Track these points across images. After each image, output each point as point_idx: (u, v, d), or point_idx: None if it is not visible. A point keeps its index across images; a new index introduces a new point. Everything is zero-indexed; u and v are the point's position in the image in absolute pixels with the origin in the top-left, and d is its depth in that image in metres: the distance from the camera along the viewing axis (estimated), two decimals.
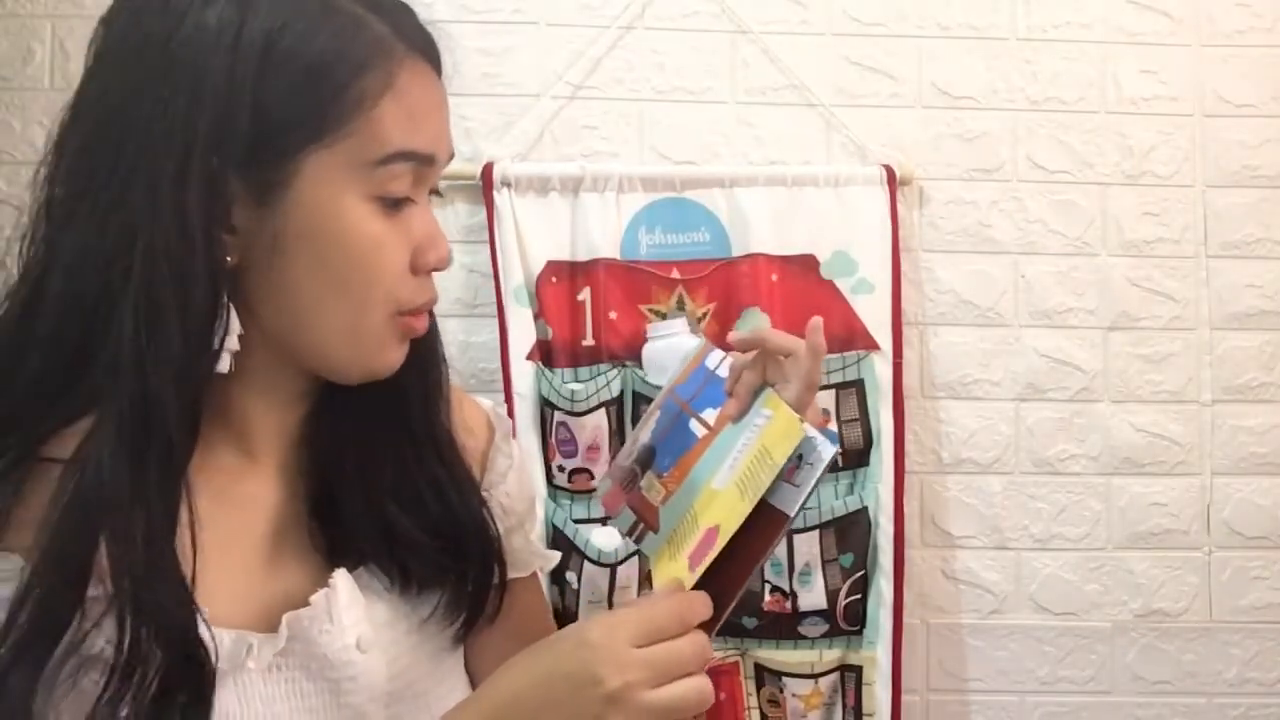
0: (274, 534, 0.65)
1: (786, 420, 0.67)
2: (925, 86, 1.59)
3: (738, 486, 0.65)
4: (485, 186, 1.49)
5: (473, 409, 0.78)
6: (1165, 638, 1.58)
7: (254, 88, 0.55)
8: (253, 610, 0.61)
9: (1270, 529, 1.59)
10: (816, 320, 0.72)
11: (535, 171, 1.50)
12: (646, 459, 0.74)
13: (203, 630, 0.56)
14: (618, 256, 1.48)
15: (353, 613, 0.63)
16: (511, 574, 0.74)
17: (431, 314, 0.68)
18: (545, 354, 1.47)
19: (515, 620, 0.75)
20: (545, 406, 1.45)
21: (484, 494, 0.73)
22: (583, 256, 1.48)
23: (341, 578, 0.63)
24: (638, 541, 0.72)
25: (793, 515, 0.64)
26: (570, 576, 1.42)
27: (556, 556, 0.84)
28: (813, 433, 0.65)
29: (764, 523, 0.64)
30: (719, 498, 0.66)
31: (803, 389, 0.71)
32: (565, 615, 1.43)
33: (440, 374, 0.71)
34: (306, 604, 0.61)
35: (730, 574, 0.63)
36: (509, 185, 1.49)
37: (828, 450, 0.64)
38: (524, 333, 1.46)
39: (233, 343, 0.57)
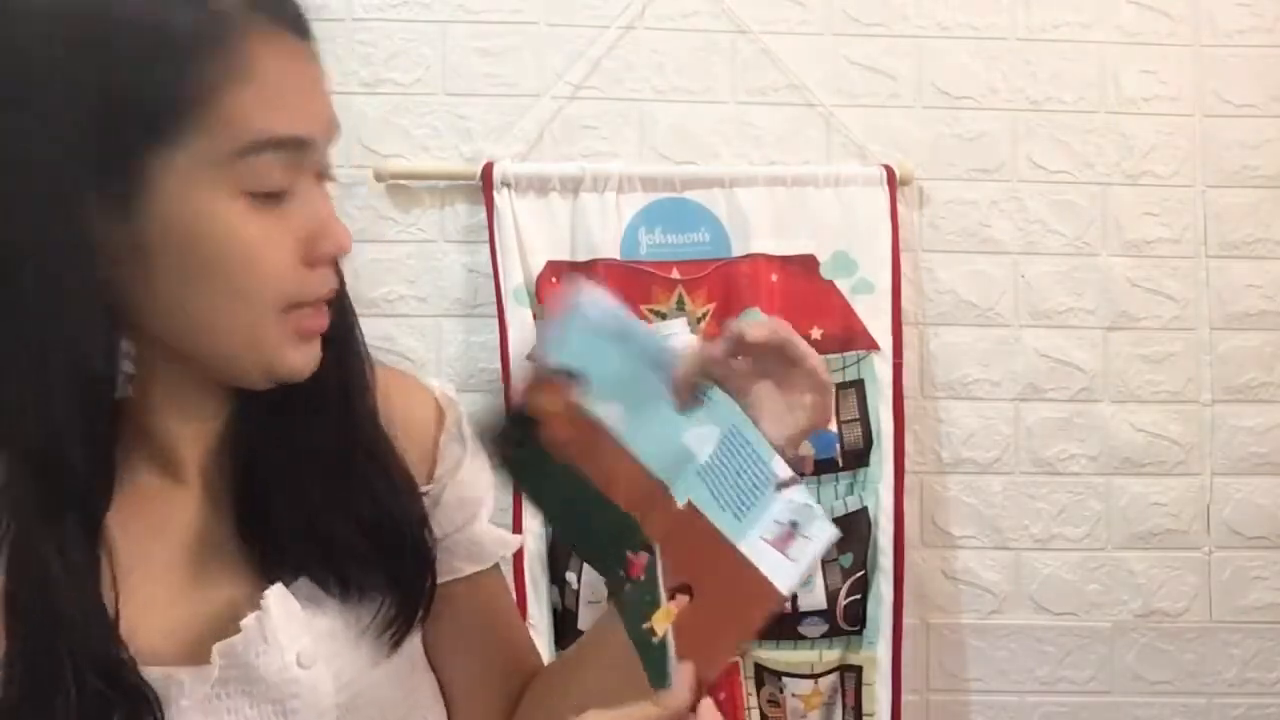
0: (202, 555, 0.62)
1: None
2: (925, 86, 1.59)
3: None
4: (485, 186, 1.49)
5: (418, 396, 0.72)
6: (1165, 638, 1.58)
7: (85, 94, 0.50)
8: (183, 641, 0.59)
9: (1270, 529, 1.59)
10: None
11: (535, 171, 1.50)
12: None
13: (134, 674, 0.54)
14: (617, 256, 1.48)
15: (290, 629, 0.60)
16: (474, 567, 0.72)
17: (346, 306, 0.64)
18: None
19: (480, 613, 0.73)
20: None
21: (437, 485, 0.70)
22: (583, 256, 1.48)
23: (274, 595, 0.60)
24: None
25: (784, 593, 0.60)
26: (570, 577, 1.42)
27: (518, 541, 0.80)
28: (815, 506, 0.60)
29: (750, 589, 0.60)
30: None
31: (812, 413, 0.65)
32: (565, 615, 1.43)
33: (360, 370, 0.66)
34: (239, 628, 0.58)
35: (710, 641, 0.60)
36: (509, 185, 1.49)
37: (826, 531, 0.59)
38: (524, 333, 1.46)
39: (126, 366, 0.55)
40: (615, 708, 0.58)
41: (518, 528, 1.43)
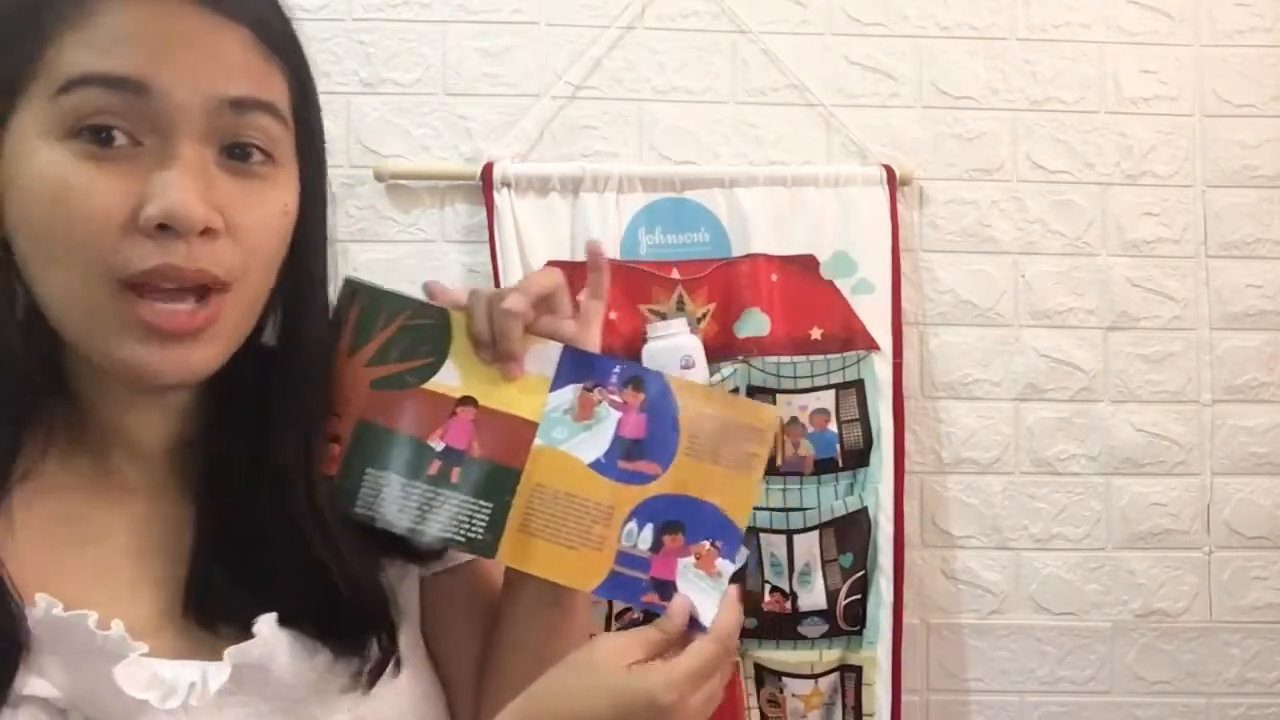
0: (179, 557, 0.60)
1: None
2: (925, 86, 1.59)
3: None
4: (485, 186, 1.49)
5: None
6: (1165, 638, 1.58)
7: None
8: (193, 639, 0.58)
9: (1270, 529, 1.59)
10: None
11: (535, 171, 1.49)
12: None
13: (141, 665, 0.54)
14: (618, 257, 1.48)
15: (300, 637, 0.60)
16: (467, 554, 0.71)
17: (300, 328, 0.62)
18: None
19: (475, 600, 0.73)
20: None
21: None
22: (583, 257, 1.48)
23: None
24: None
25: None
26: None
27: None
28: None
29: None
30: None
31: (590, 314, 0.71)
32: None
33: (306, 407, 0.63)
34: (246, 632, 0.57)
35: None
36: (509, 185, 1.49)
37: (739, 555, 0.66)
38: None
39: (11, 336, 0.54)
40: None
41: None
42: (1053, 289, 1.59)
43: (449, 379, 0.66)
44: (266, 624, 0.57)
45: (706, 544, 0.66)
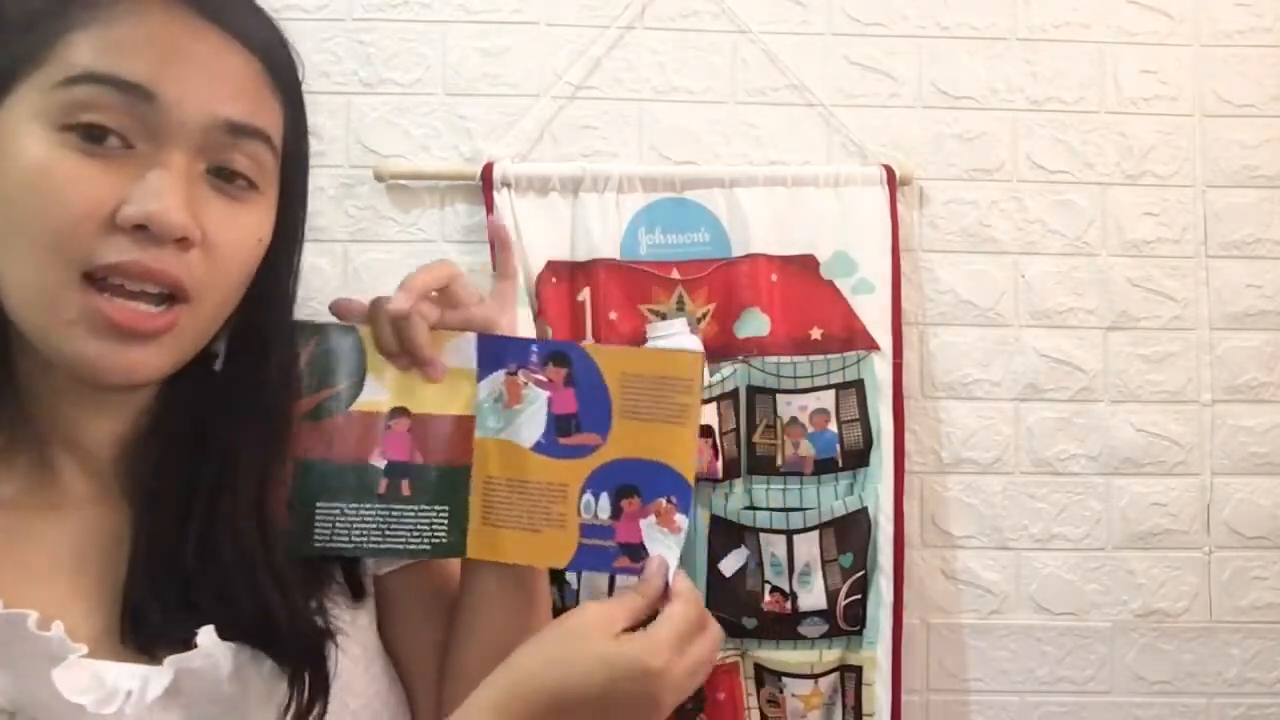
0: (120, 565, 0.60)
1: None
2: (925, 86, 1.59)
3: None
4: (485, 186, 1.49)
5: None
6: (1165, 638, 1.58)
7: None
8: (125, 648, 0.57)
9: (1270, 529, 1.59)
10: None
11: (535, 171, 1.49)
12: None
13: (81, 667, 0.53)
14: (617, 257, 1.48)
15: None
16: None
17: (253, 353, 0.62)
18: None
19: (432, 595, 0.72)
20: None
21: None
22: (582, 257, 1.48)
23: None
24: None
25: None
26: (570, 575, 1.42)
27: None
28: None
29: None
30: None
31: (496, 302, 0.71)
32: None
33: (258, 437, 0.63)
34: (192, 643, 0.57)
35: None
36: (509, 185, 1.49)
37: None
38: (524, 333, 1.46)
39: None
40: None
41: None
42: (1053, 289, 1.59)
43: (375, 395, 0.66)
44: (207, 634, 0.57)
45: (663, 501, 0.66)
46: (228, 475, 0.61)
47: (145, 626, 0.58)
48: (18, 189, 0.52)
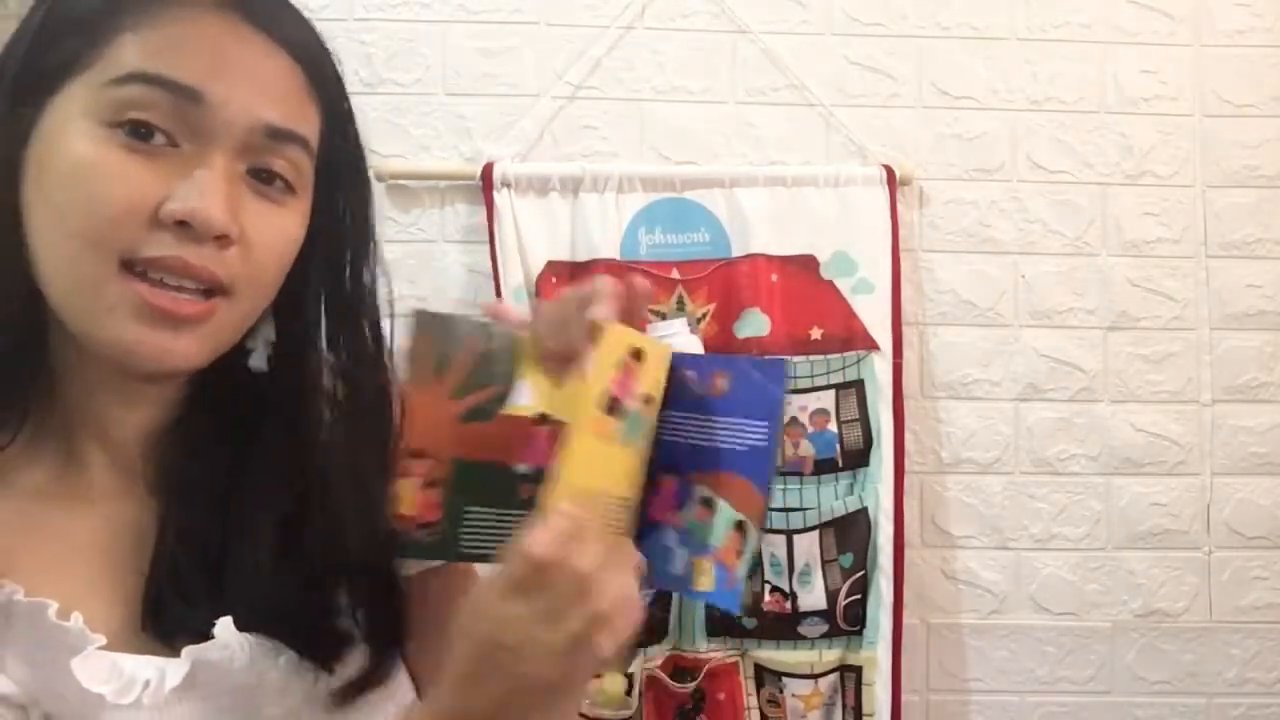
0: (142, 557, 0.60)
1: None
2: (925, 86, 1.59)
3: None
4: (485, 186, 1.49)
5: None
6: (1165, 638, 1.58)
7: (35, 28, 0.55)
8: (143, 640, 0.58)
9: (1270, 529, 1.59)
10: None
11: (535, 171, 1.49)
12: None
13: (99, 658, 0.54)
14: (617, 256, 1.48)
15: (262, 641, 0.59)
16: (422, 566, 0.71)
17: (299, 349, 0.63)
18: None
19: (452, 603, 0.72)
20: None
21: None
22: (582, 256, 1.48)
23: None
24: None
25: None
26: None
27: None
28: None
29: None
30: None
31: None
32: None
33: (312, 413, 0.64)
34: (206, 631, 0.57)
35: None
36: (509, 185, 1.49)
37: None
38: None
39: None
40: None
41: None
42: (1053, 289, 1.59)
43: (522, 399, 0.65)
44: (224, 626, 0.57)
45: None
46: (257, 471, 0.62)
47: (165, 617, 0.58)
48: (64, 181, 0.53)
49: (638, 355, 0.62)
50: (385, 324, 0.70)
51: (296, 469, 0.63)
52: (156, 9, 0.55)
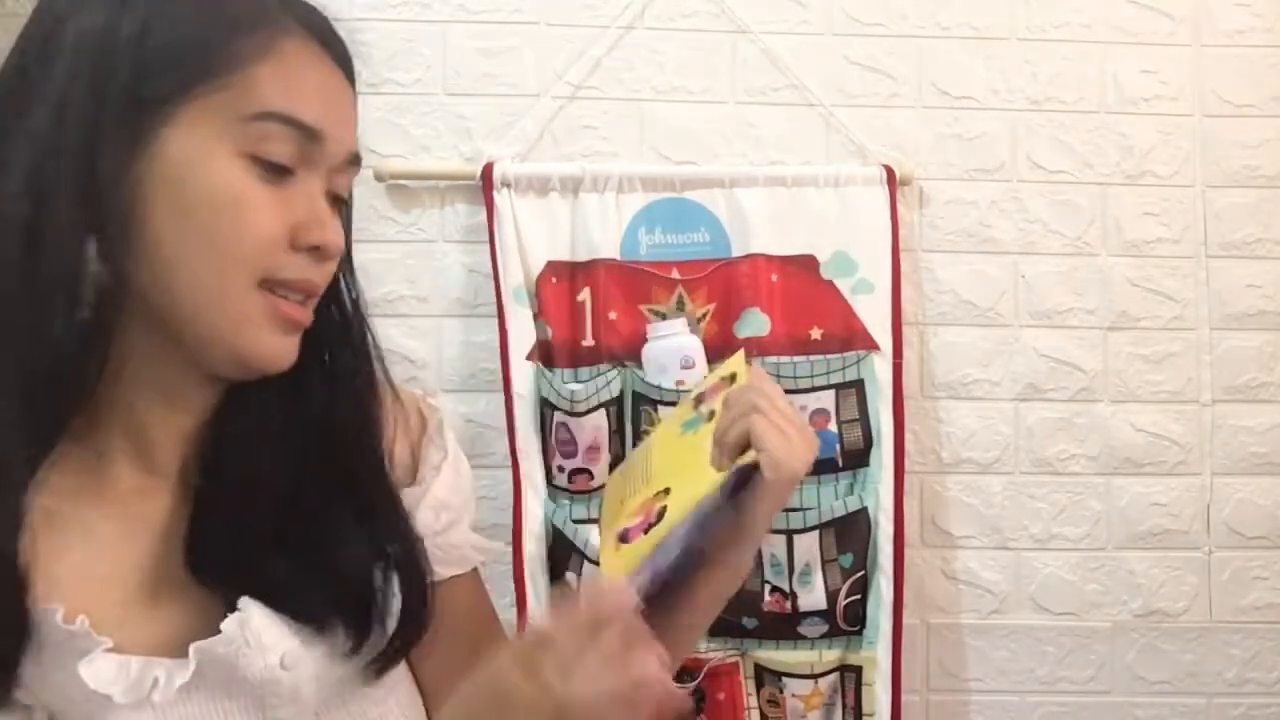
0: (170, 555, 0.62)
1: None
2: (925, 86, 1.59)
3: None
4: (485, 186, 1.49)
5: (405, 403, 0.75)
6: (1165, 638, 1.58)
7: (136, 39, 0.57)
8: (161, 635, 0.59)
9: (1270, 529, 1.59)
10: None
11: (535, 171, 1.49)
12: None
13: (106, 660, 0.55)
14: (617, 257, 1.48)
15: (272, 631, 0.60)
16: (450, 571, 0.72)
17: (360, 331, 0.68)
18: (545, 354, 1.47)
19: (459, 620, 0.73)
20: (545, 407, 1.45)
21: (420, 486, 0.72)
22: (582, 257, 1.48)
23: (249, 601, 0.60)
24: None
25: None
26: (570, 577, 1.42)
27: (500, 549, 0.82)
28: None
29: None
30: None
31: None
32: None
33: (361, 404, 0.68)
34: (215, 630, 0.58)
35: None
36: (509, 185, 1.48)
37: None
38: (524, 333, 1.46)
39: (86, 294, 0.57)
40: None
41: (517, 529, 1.43)
42: (1053, 289, 1.59)
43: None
44: (232, 622, 0.59)
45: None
46: (293, 463, 0.65)
47: (181, 610, 0.60)
48: (210, 207, 0.58)
49: None
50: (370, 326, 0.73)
51: (328, 457, 0.66)
52: (275, 41, 0.60)
